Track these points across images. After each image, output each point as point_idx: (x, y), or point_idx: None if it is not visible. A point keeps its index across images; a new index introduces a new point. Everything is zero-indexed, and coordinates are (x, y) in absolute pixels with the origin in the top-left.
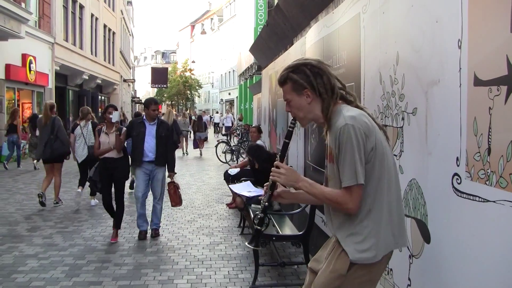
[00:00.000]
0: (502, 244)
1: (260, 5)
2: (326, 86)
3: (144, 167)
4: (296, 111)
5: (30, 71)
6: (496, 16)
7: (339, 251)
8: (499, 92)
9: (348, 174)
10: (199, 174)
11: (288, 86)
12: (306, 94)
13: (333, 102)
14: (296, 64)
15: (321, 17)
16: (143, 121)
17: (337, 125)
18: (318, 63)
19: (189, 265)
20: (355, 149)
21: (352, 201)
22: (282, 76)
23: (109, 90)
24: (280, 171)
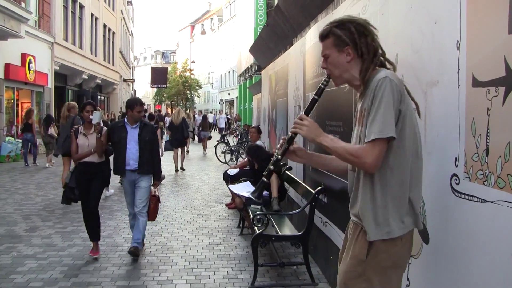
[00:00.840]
0: (500, 244)
1: (260, 6)
2: (369, 47)
3: (127, 176)
4: (332, 68)
5: (29, 71)
6: (494, 17)
7: (356, 234)
8: (497, 93)
9: (376, 127)
10: (198, 174)
11: (329, 41)
12: (347, 52)
13: (373, 65)
14: (342, 19)
15: (320, 17)
16: (124, 124)
17: (376, 78)
18: (365, 23)
19: (188, 266)
20: (390, 102)
21: (372, 156)
22: (325, 29)
23: (109, 90)
24: (304, 123)
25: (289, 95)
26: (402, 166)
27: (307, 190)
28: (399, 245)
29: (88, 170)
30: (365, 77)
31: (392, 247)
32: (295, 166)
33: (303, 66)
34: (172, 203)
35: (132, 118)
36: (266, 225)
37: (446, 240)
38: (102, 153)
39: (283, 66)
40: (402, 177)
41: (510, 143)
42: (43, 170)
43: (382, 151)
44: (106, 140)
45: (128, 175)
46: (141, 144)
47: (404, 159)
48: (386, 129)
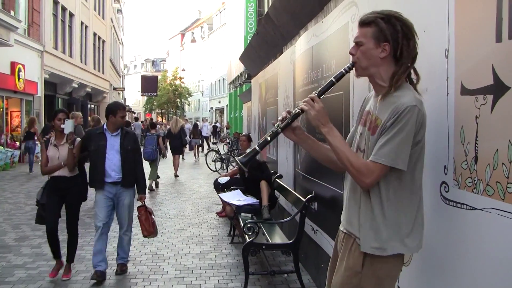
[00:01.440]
0: (490, 251)
1: (250, 14)
2: (410, 52)
3: (106, 189)
4: (362, 58)
5: (19, 79)
6: (482, 26)
7: (349, 246)
8: (485, 101)
9: (388, 152)
10: (189, 183)
11: (369, 30)
12: (383, 48)
13: (408, 71)
14: (390, 13)
15: (310, 26)
16: (103, 131)
17: (404, 101)
18: (411, 26)
19: (179, 274)
20: (412, 134)
21: (373, 178)
22: (368, 17)
23: (99, 99)
24: (314, 105)
25: (279, 103)
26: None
27: (297, 198)
28: (391, 258)
29: (59, 186)
30: (397, 82)
31: (387, 260)
32: (285, 173)
33: (293, 74)
34: (163, 211)
35: (113, 124)
36: (257, 233)
37: (436, 248)
38: (73, 166)
39: (273, 74)
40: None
41: (499, 151)
42: (33, 179)
43: (382, 175)
44: (79, 152)
45: (107, 189)
46: (123, 153)
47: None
48: (397, 159)
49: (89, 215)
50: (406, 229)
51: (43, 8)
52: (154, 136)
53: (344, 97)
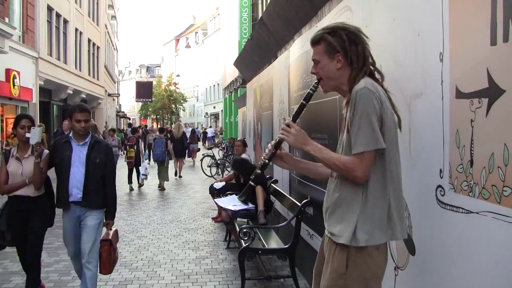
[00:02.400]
0: (486, 255)
1: (244, 19)
2: (359, 56)
3: (72, 211)
4: (322, 74)
5: (14, 86)
6: (477, 29)
7: (333, 250)
8: (480, 104)
9: (361, 139)
10: (184, 188)
11: (320, 47)
12: (338, 59)
13: (362, 74)
14: (334, 26)
15: (304, 31)
16: (69, 140)
17: (355, 88)
18: (356, 31)
19: (175, 280)
20: (372, 113)
21: (361, 168)
22: (316, 35)
23: (94, 105)
24: (291, 130)
25: (274, 108)
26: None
27: (293, 203)
28: (375, 255)
29: (20, 207)
30: (353, 84)
31: (369, 258)
32: (280, 178)
33: (288, 79)
34: (159, 217)
35: (75, 131)
36: (253, 238)
37: (432, 252)
38: (40, 184)
39: (267, 79)
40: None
41: (494, 154)
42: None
43: (370, 160)
44: (46, 166)
45: (71, 210)
46: (89, 167)
47: (386, 167)
48: (372, 141)
49: None
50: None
51: (37, 15)
52: (163, 139)
53: (338, 102)
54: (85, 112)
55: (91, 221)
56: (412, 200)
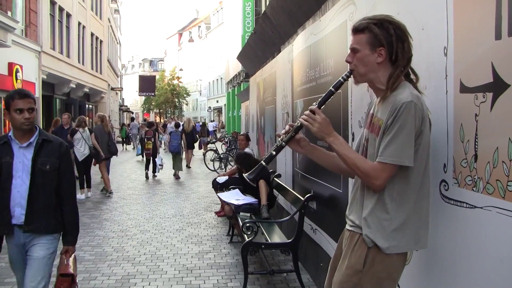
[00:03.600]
0: (490, 250)
1: (247, 13)
2: (405, 54)
3: (16, 236)
4: (359, 65)
5: (16, 80)
6: (482, 23)
7: (353, 244)
8: (485, 99)
9: (392, 151)
10: (187, 182)
11: (363, 36)
12: (380, 53)
13: (404, 72)
14: (382, 18)
15: (308, 24)
16: (8, 141)
17: (400, 98)
18: (404, 28)
19: (178, 274)
20: (412, 129)
21: (382, 179)
22: (361, 23)
23: (97, 99)
24: (316, 118)
25: (277, 102)
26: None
27: (296, 197)
28: (395, 257)
29: None
30: (394, 83)
31: (388, 259)
32: (283, 172)
33: (291, 73)
34: (161, 211)
35: (15, 126)
36: (256, 232)
37: (436, 246)
38: None
39: (271, 73)
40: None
41: (499, 149)
42: None
43: (391, 175)
44: None
45: (16, 235)
46: (35, 176)
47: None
48: (402, 157)
49: (87, 215)
50: (410, 228)
51: (40, 9)
52: (179, 132)
53: (342, 97)
54: (28, 98)
55: (38, 251)
56: None
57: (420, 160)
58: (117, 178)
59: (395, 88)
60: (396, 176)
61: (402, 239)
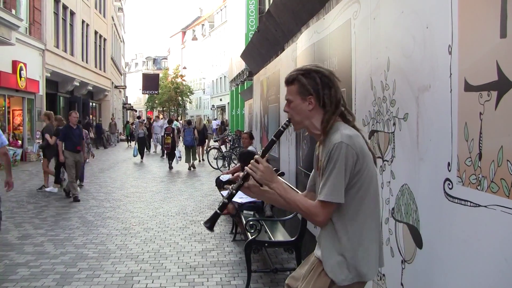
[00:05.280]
0: (494, 249)
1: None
2: (332, 99)
3: None
4: (294, 114)
5: (20, 78)
6: (486, 22)
7: (320, 269)
8: (489, 97)
9: (329, 189)
10: (191, 181)
11: (294, 87)
12: (310, 101)
13: (334, 116)
14: (308, 69)
15: (312, 23)
16: None
17: (332, 140)
18: (330, 75)
19: (181, 272)
20: (342, 168)
21: (323, 215)
22: (291, 76)
23: (100, 97)
24: (259, 166)
25: (281, 100)
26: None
27: None
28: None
29: None
30: (325, 128)
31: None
32: (287, 171)
33: None
34: (165, 209)
35: None
36: (259, 231)
37: (440, 245)
38: None
39: (274, 72)
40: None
41: (503, 147)
42: (35, 178)
43: (332, 210)
44: None
45: None
46: None
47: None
48: (334, 194)
49: (91, 213)
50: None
51: (44, 7)
52: (192, 129)
53: (346, 95)
54: None
55: None
56: (420, 193)
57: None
58: (120, 176)
59: (327, 131)
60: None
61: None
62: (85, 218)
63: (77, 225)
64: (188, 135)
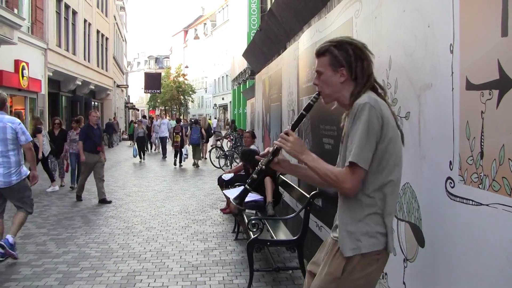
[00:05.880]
0: (496, 247)
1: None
2: (364, 72)
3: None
4: (324, 86)
5: (23, 77)
6: (488, 20)
7: (334, 251)
8: (491, 96)
9: (355, 151)
10: (193, 180)
11: (325, 59)
12: (341, 73)
13: (364, 89)
14: (341, 40)
15: (313, 22)
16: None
17: (357, 101)
18: (363, 47)
19: (184, 271)
20: (368, 129)
21: (351, 182)
22: (322, 47)
23: (102, 96)
24: (289, 138)
25: (283, 99)
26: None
27: (301, 195)
28: (375, 266)
29: None
30: (355, 100)
31: (368, 267)
32: None
33: (297, 70)
34: (167, 208)
35: None
36: (261, 230)
37: (442, 244)
38: None
39: (276, 71)
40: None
41: (505, 146)
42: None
43: (361, 176)
44: None
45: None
46: None
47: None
48: (360, 156)
49: (93, 212)
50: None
51: (46, 6)
52: (198, 128)
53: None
54: None
55: None
56: (422, 192)
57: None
58: (122, 175)
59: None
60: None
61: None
62: (88, 217)
63: (79, 225)
64: (195, 134)
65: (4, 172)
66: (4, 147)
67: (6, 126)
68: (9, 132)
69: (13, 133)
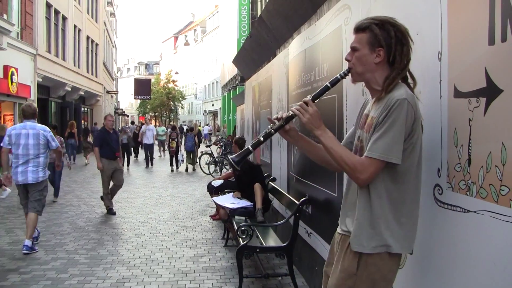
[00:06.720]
0: (484, 254)
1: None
2: (403, 57)
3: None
4: (357, 63)
5: (12, 83)
6: (475, 29)
7: (345, 247)
8: (478, 103)
9: (381, 146)
10: (182, 186)
11: (364, 36)
12: (378, 53)
13: (401, 76)
14: (384, 19)
15: (303, 29)
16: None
17: (395, 95)
18: (406, 32)
19: (173, 278)
20: (402, 126)
21: (368, 173)
22: (363, 23)
23: (92, 102)
24: (308, 109)
25: (273, 106)
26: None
27: (291, 201)
28: (387, 259)
29: None
30: (389, 85)
31: (381, 261)
32: (278, 176)
33: (287, 77)
34: (156, 215)
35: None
36: (251, 236)
37: (430, 250)
38: None
39: (266, 77)
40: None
41: (492, 153)
42: None
43: (378, 170)
44: None
45: None
46: None
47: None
48: (391, 153)
49: (82, 218)
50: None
51: (36, 12)
52: (192, 136)
53: (337, 100)
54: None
55: None
56: None
57: (411, 161)
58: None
59: (390, 90)
60: (386, 175)
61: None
62: (76, 223)
63: (68, 231)
64: (190, 141)
65: (33, 170)
66: (37, 150)
67: (39, 133)
68: (42, 138)
69: (44, 139)
